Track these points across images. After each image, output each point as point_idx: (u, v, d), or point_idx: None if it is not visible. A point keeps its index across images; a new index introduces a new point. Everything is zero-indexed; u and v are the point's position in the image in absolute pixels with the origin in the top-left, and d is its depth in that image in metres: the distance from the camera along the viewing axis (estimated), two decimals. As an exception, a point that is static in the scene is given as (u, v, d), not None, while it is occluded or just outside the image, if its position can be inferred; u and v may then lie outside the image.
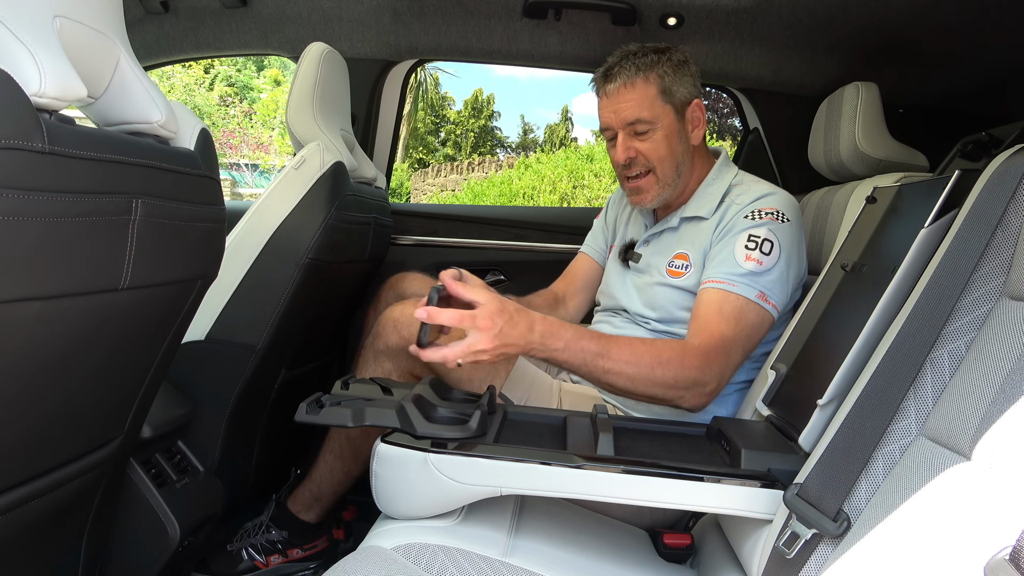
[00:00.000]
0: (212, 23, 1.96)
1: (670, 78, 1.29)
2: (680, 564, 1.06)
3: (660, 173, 1.32)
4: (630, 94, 1.28)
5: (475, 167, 20.40)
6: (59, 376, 0.73)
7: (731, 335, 1.16)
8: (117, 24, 0.76)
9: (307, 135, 1.49)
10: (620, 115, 1.30)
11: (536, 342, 1.06)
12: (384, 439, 0.93)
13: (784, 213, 1.26)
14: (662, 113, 1.29)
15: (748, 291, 1.19)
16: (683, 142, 1.33)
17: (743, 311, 1.18)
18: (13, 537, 0.79)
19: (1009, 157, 0.79)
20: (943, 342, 0.74)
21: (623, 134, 1.31)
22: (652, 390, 1.11)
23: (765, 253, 1.21)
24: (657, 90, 1.29)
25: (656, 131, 1.29)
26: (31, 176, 0.58)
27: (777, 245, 1.22)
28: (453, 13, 1.81)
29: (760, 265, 1.20)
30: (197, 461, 1.33)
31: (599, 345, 1.10)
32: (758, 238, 1.22)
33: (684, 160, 1.34)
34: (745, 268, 1.20)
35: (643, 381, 1.10)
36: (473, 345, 1.00)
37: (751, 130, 2.09)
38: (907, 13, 1.49)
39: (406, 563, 0.84)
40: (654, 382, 1.10)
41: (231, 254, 1.32)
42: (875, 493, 0.71)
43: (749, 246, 1.22)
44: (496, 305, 1.02)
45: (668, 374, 1.10)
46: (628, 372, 1.10)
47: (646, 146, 1.30)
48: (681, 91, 1.31)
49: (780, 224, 1.24)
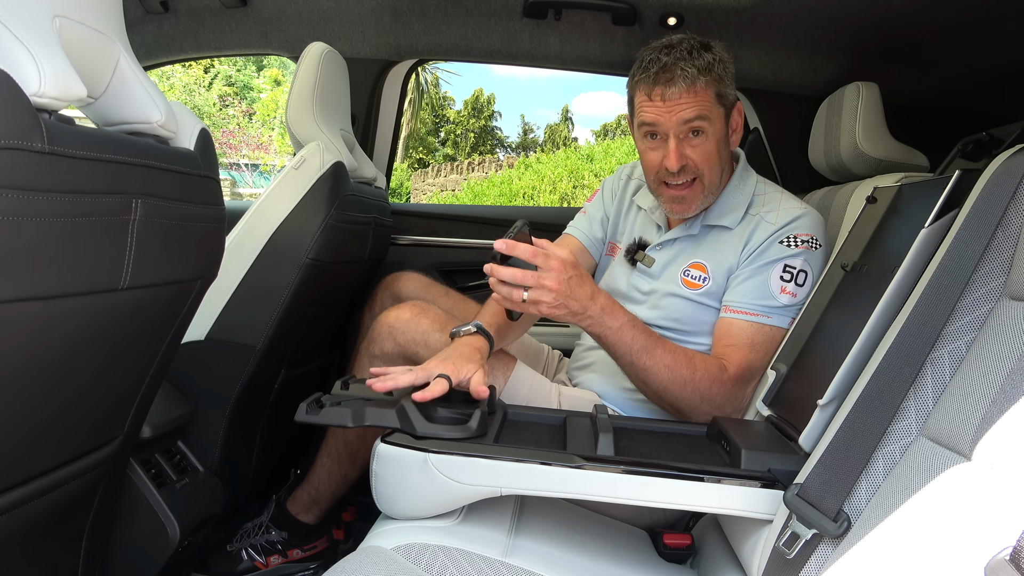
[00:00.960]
0: (212, 23, 1.96)
1: (726, 80, 1.22)
2: (680, 564, 1.06)
3: (707, 181, 1.24)
4: (691, 95, 1.18)
5: (475, 167, 20.41)
6: (59, 376, 0.73)
7: (759, 364, 1.19)
8: (117, 24, 0.76)
9: (307, 135, 1.49)
10: (678, 115, 1.19)
11: (594, 312, 1.07)
12: (384, 439, 0.93)
13: (817, 239, 1.25)
14: (716, 116, 1.21)
15: (782, 321, 1.21)
16: (726, 148, 1.27)
17: (774, 339, 1.21)
18: (13, 537, 0.79)
19: (1009, 157, 0.79)
20: (943, 342, 0.74)
21: (677, 139, 1.20)
22: (679, 400, 1.15)
23: (800, 285, 1.22)
24: (715, 91, 1.20)
25: (709, 136, 1.21)
26: (31, 176, 0.58)
27: (811, 275, 1.22)
28: (453, 13, 1.81)
29: (794, 298, 1.21)
30: (197, 461, 1.33)
31: (647, 340, 1.12)
32: (793, 269, 1.22)
33: (725, 167, 1.29)
34: (780, 302, 1.21)
35: (674, 389, 1.14)
36: (542, 279, 1.00)
37: (751, 130, 2.09)
38: (907, 13, 1.49)
39: (406, 563, 0.84)
40: (684, 394, 1.14)
41: (231, 254, 1.32)
42: (875, 493, 0.71)
43: (784, 277, 1.22)
44: (571, 260, 1.03)
45: (699, 391, 1.14)
46: (664, 376, 1.13)
47: (698, 152, 1.22)
48: (730, 93, 1.24)
49: (814, 252, 1.24)
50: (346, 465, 1.46)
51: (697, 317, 1.29)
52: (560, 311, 1.04)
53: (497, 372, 1.26)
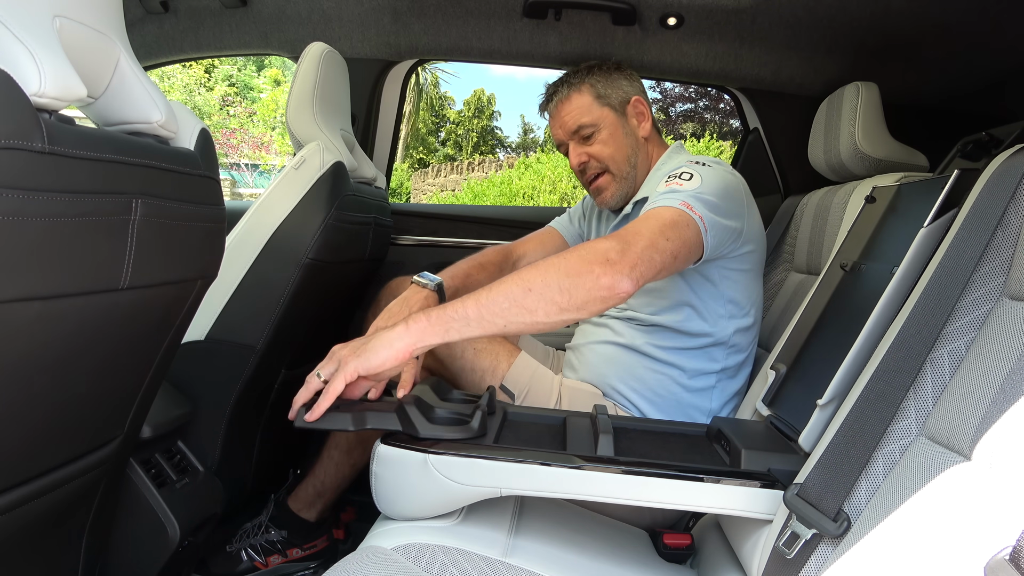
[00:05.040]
0: (212, 23, 1.95)
1: (602, 84, 1.42)
2: (680, 564, 1.06)
3: (615, 169, 1.42)
4: (567, 106, 1.43)
5: (475, 167, 20.40)
6: (59, 376, 0.73)
7: (644, 226, 1.05)
8: (117, 24, 0.76)
9: (307, 135, 1.49)
10: (564, 127, 1.44)
11: (410, 326, 0.94)
12: (384, 440, 0.93)
13: (703, 162, 1.23)
14: (601, 115, 1.41)
15: (669, 201, 1.11)
16: (629, 136, 1.43)
17: (658, 212, 1.09)
18: (13, 537, 0.79)
19: (1009, 157, 0.79)
20: (943, 342, 0.74)
21: (572, 143, 1.44)
22: (573, 281, 0.94)
23: (684, 180, 1.17)
24: (592, 97, 1.42)
25: (600, 132, 1.41)
26: (31, 176, 0.58)
27: (698, 177, 1.17)
28: (453, 13, 1.81)
29: (679, 185, 1.15)
30: (197, 461, 1.33)
31: (479, 296, 0.95)
32: (676, 174, 1.20)
33: (635, 152, 1.43)
34: (664, 190, 1.15)
35: (563, 282, 0.94)
36: (326, 366, 0.97)
37: (751, 130, 2.09)
38: (907, 13, 1.49)
39: (406, 563, 0.84)
40: (570, 272, 0.95)
41: (231, 254, 1.32)
42: (875, 493, 0.71)
43: (669, 179, 1.19)
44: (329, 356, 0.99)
45: (580, 258, 0.96)
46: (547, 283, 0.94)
47: (594, 148, 1.42)
48: (616, 92, 1.42)
49: (698, 166, 1.21)
50: (356, 455, 1.51)
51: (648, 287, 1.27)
52: (372, 353, 0.93)
53: (501, 359, 1.31)
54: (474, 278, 1.39)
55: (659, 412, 1.31)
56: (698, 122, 18.23)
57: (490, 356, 1.32)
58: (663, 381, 1.31)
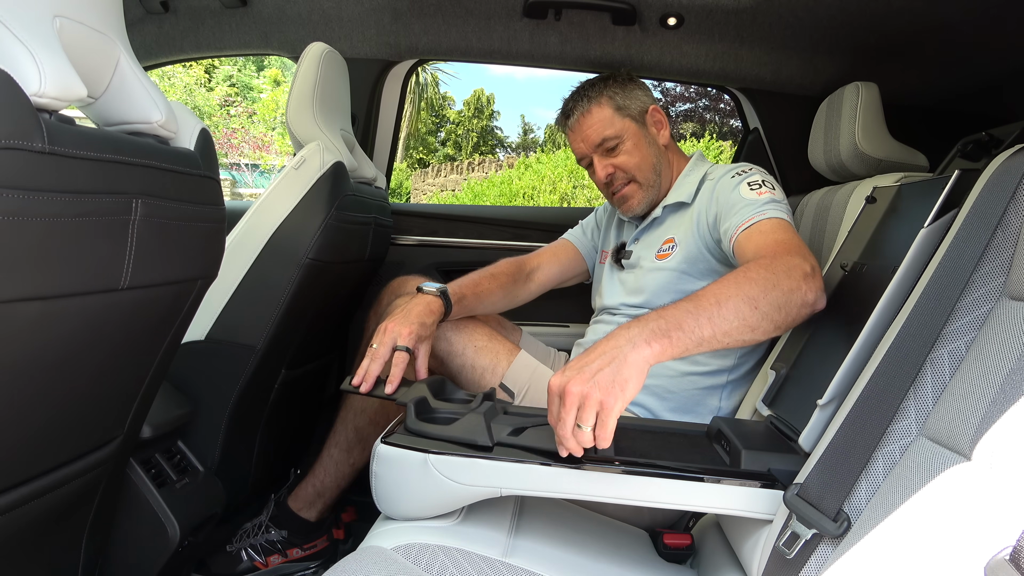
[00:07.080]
0: (212, 23, 1.96)
1: (620, 96, 1.43)
2: (680, 564, 1.06)
3: (641, 179, 1.43)
4: (589, 120, 1.43)
5: (475, 167, 20.40)
6: (59, 376, 0.73)
7: (786, 237, 1.08)
8: (117, 24, 0.76)
9: (307, 135, 1.49)
10: (587, 141, 1.44)
11: (633, 336, 0.82)
12: (384, 440, 0.93)
13: (752, 169, 1.31)
14: (623, 126, 1.42)
15: (778, 214, 1.15)
16: (652, 145, 1.45)
17: (783, 226, 1.13)
18: (13, 537, 0.79)
19: (1009, 157, 0.79)
20: (943, 342, 0.74)
21: (596, 156, 1.44)
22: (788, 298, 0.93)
23: (771, 188, 1.23)
24: (612, 108, 1.43)
25: (624, 143, 1.42)
26: (31, 176, 0.58)
27: (770, 184, 1.24)
28: (453, 13, 1.81)
29: (774, 194, 1.21)
30: (197, 461, 1.33)
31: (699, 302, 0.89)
32: (756, 183, 1.25)
33: (659, 161, 1.45)
34: (762, 199, 1.19)
35: (779, 299, 0.92)
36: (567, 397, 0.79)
37: (751, 130, 2.09)
38: (907, 13, 1.49)
39: (406, 563, 0.84)
40: (778, 297, 0.92)
41: (231, 254, 1.32)
42: (875, 493, 0.71)
43: (752, 187, 1.24)
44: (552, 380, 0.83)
45: (785, 274, 0.94)
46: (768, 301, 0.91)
47: (620, 159, 1.43)
48: (634, 103, 1.44)
49: (760, 173, 1.28)
50: (356, 453, 1.51)
51: (671, 287, 1.33)
52: (629, 383, 0.80)
53: (501, 356, 1.32)
54: (484, 287, 1.40)
55: (669, 409, 1.31)
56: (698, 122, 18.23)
57: (490, 354, 1.32)
58: (678, 380, 1.31)
